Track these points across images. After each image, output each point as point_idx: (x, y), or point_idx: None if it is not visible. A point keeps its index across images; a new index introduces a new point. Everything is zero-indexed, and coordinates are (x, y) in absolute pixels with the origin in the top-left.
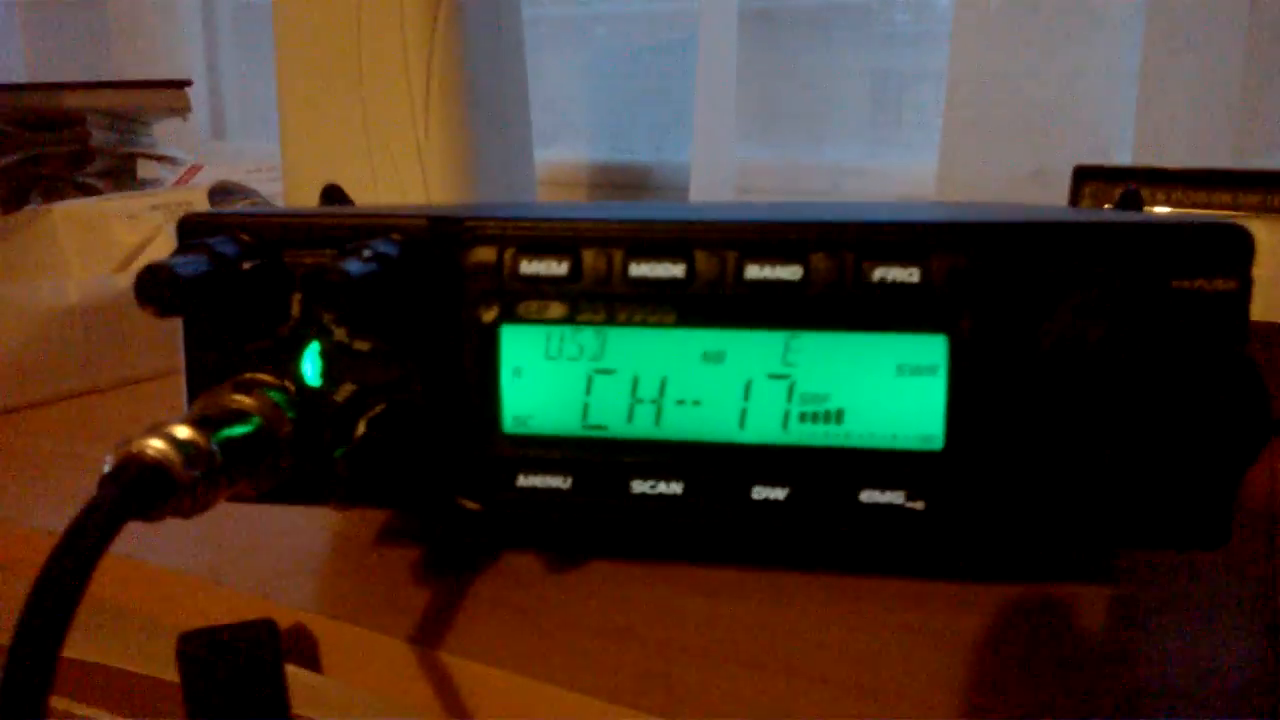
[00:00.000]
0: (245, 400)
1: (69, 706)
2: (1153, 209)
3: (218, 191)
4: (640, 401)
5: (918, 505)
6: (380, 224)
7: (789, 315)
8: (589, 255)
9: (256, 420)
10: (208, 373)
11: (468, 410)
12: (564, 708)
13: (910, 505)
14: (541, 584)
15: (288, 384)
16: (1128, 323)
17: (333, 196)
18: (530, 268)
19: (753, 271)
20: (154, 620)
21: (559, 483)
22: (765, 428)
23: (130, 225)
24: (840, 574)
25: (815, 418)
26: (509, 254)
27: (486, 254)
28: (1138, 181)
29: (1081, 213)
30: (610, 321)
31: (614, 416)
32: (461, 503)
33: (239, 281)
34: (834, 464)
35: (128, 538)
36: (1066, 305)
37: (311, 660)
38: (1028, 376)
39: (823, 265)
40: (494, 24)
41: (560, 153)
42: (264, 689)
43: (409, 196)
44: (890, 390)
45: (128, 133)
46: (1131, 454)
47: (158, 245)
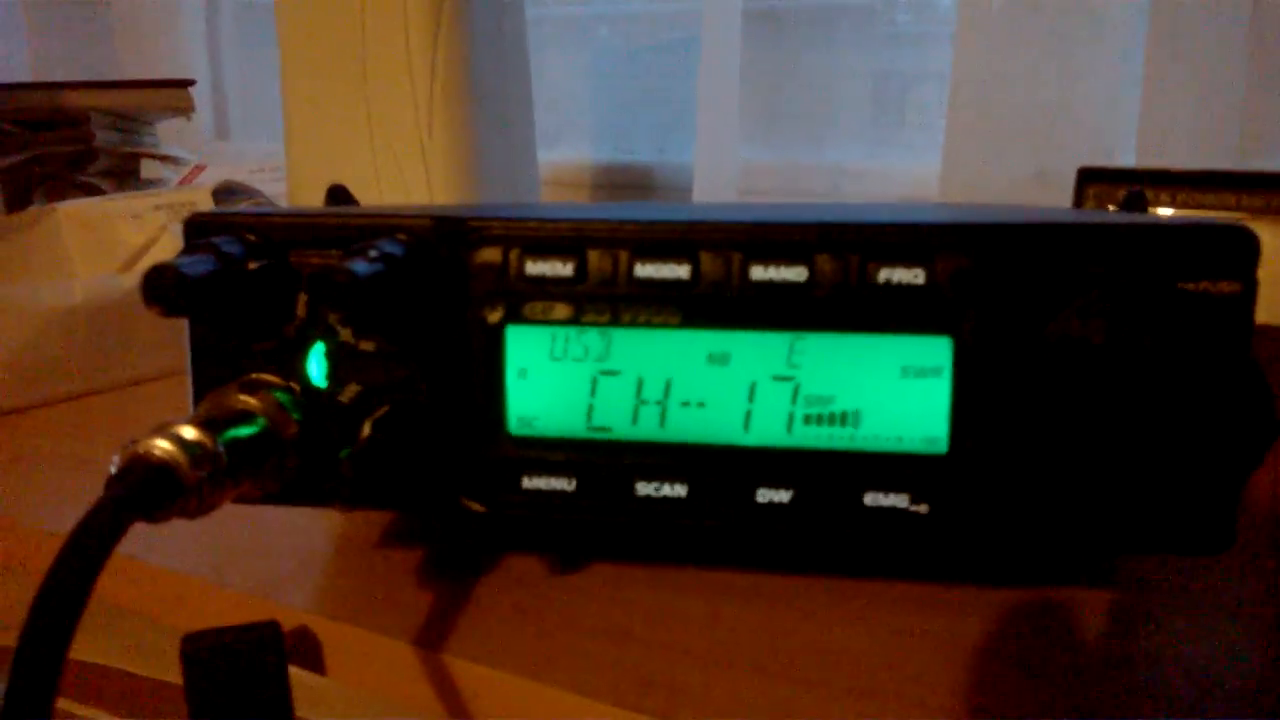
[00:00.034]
0: (251, 401)
1: (70, 707)
2: (1157, 211)
3: (222, 191)
4: (645, 403)
5: (922, 508)
6: (386, 224)
7: (794, 317)
8: (594, 256)
9: (262, 421)
10: (213, 373)
11: (472, 411)
12: (567, 710)
13: (914, 508)
14: (544, 586)
15: (293, 385)
16: (1132, 325)
17: (338, 197)
18: (535, 268)
19: (758, 273)
20: (157, 621)
21: (563, 484)
22: (770, 430)
23: (134, 225)
24: (844, 577)
25: (820, 420)
26: (514, 254)
27: (492, 254)
28: (1142, 183)
29: (1086, 214)
30: (615, 323)
31: (619, 418)
32: (466, 504)
33: (245, 282)
34: (838, 467)
35: (132, 538)
36: (1071, 307)
37: (315, 662)
38: (1032, 378)
39: (828, 266)
40: (497, 24)
41: (563, 153)
42: (267, 691)
43: (413, 197)
44: (895, 392)
45: (131, 132)
46: (1136, 457)
47: (162, 245)
